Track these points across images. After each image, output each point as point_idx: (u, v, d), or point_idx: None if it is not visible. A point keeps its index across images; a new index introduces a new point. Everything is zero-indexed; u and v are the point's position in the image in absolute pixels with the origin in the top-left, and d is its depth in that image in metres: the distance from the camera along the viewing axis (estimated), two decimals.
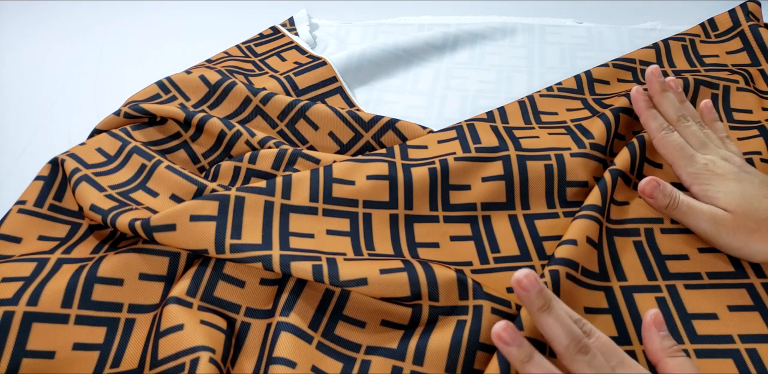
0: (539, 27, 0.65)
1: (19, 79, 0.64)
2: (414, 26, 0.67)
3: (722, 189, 0.39)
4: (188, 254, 0.40)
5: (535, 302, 0.31)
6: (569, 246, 0.38)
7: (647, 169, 0.45)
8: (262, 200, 0.41)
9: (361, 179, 0.44)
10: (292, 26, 0.67)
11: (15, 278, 0.38)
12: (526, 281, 0.31)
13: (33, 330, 0.35)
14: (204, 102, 0.54)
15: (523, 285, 0.31)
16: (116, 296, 0.38)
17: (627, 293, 0.38)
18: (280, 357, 0.34)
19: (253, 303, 0.39)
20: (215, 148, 0.50)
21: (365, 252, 0.40)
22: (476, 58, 0.62)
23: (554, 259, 0.37)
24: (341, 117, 0.51)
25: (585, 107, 0.52)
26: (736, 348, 0.35)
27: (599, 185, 0.42)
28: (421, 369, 0.34)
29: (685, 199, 0.40)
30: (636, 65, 0.56)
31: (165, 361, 0.34)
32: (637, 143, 0.45)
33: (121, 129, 0.51)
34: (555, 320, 0.31)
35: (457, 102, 0.57)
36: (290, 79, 0.56)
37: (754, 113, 0.50)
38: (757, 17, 0.60)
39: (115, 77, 0.63)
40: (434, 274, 0.37)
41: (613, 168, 0.43)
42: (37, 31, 0.71)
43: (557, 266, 0.37)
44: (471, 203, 0.44)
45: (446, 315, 0.36)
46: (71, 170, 0.45)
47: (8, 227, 0.42)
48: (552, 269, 0.37)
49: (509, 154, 0.45)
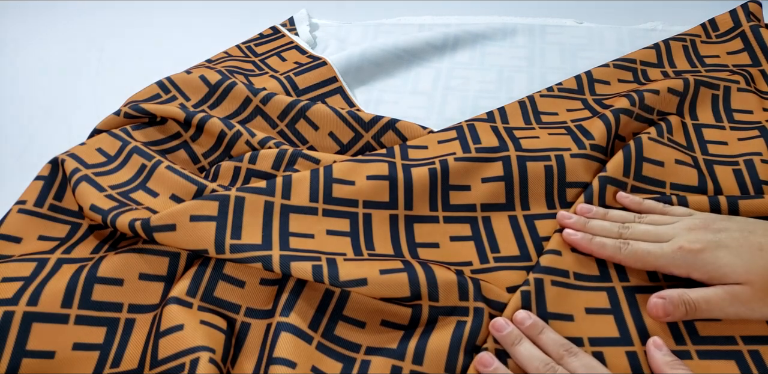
0: (540, 27, 0.65)
1: (19, 80, 0.64)
2: (414, 26, 0.67)
3: (717, 263, 0.35)
4: (188, 254, 0.40)
5: (507, 339, 0.35)
6: (553, 256, 0.39)
7: (647, 169, 0.45)
8: (262, 201, 0.41)
9: (361, 180, 0.43)
10: (292, 26, 0.67)
11: (15, 278, 0.38)
12: (497, 324, 0.36)
13: (33, 330, 0.35)
14: (204, 102, 0.54)
15: (496, 327, 0.36)
16: (116, 296, 0.38)
17: (629, 293, 0.38)
18: (280, 358, 0.34)
19: (253, 303, 0.39)
20: (215, 148, 0.50)
21: (365, 252, 0.40)
22: (477, 59, 0.62)
23: (539, 267, 0.38)
24: (341, 117, 0.51)
25: (585, 108, 0.52)
26: (739, 349, 0.35)
27: (585, 194, 0.43)
28: (420, 368, 0.34)
29: (697, 295, 0.35)
30: (637, 66, 0.56)
31: (165, 361, 0.34)
32: (633, 145, 0.45)
33: (121, 129, 0.51)
34: (524, 349, 0.34)
35: (457, 102, 0.57)
36: (290, 80, 0.56)
37: (754, 114, 0.50)
38: (758, 17, 0.59)
39: (115, 77, 0.63)
40: (434, 274, 0.37)
41: (602, 175, 0.43)
42: (37, 31, 0.71)
43: (541, 274, 0.38)
44: (471, 204, 0.44)
45: (446, 315, 0.36)
46: (71, 170, 0.45)
47: (8, 227, 0.42)
48: (536, 277, 0.37)
49: (509, 154, 0.45)
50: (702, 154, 0.47)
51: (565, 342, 0.34)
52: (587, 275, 0.39)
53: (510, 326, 0.35)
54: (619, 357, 0.35)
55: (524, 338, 0.35)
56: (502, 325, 0.35)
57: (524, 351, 0.34)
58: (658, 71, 0.56)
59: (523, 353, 0.34)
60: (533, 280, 0.37)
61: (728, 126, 0.50)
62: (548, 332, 0.35)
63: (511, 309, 0.36)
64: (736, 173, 0.45)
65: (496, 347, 0.35)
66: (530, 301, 0.36)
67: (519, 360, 0.34)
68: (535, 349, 0.34)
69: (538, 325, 0.35)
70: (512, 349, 0.34)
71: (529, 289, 0.37)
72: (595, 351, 0.35)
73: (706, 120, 0.50)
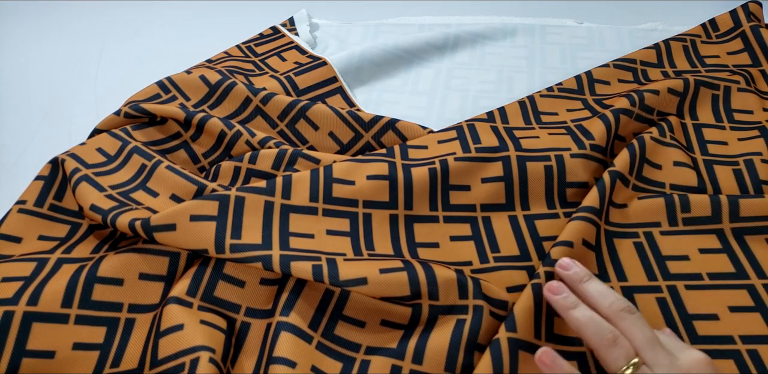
0: (540, 27, 0.65)
1: (19, 79, 0.64)
2: (414, 26, 0.67)
3: None
4: (188, 254, 0.40)
5: (575, 277, 0.35)
6: (564, 248, 0.38)
7: (647, 170, 0.45)
8: (262, 200, 0.41)
9: (361, 179, 0.43)
10: (292, 26, 0.67)
11: (15, 278, 0.38)
12: (563, 263, 0.36)
13: (33, 330, 0.35)
14: (204, 102, 0.54)
15: (562, 266, 0.36)
16: (116, 296, 0.38)
17: (627, 293, 0.38)
18: (280, 357, 0.33)
19: (253, 302, 0.39)
20: (215, 148, 0.50)
21: (365, 252, 0.40)
22: (477, 59, 0.62)
23: (549, 259, 0.37)
24: (341, 117, 0.51)
25: (585, 108, 0.52)
26: (737, 348, 0.35)
27: (597, 187, 0.42)
28: (420, 368, 0.34)
29: None
30: (637, 66, 0.56)
31: (165, 361, 0.34)
32: (637, 144, 0.45)
33: (121, 129, 0.51)
34: (594, 286, 0.34)
35: (457, 102, 0.57)
36: (290, 79, 0.56)
37: (754, 114, 0.50)
38: (758, 18, 0.59)
39: (115, 77, 0.63)
40: (434, 273, 0.37)
41: (612, 169, 0.43)
42: (37, 31, 0.71)
43: (552, 267, 0.37)
44: (471, 204, 0.44)
45: (446, 314, 0.36)
46: (71, 170, 0.45)
47: (8, 227, 0.42)
48: (547, 270, 0.37)
49: (509, 154, 0.45)
50: (702, 154, 0.47)
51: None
52: None
53: (577, 264, 0.36)
54: None
55: (592, 276, 0.35)
56: (569, 264, 0.36)
57: (595, 286, 0.34)
58: (658, 71, 0.56)
59: (594, 288, 0.34)
60: (543, 273, 0.37)
61: (728, 126, 0.50)
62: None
63: (522, 302, 0.35)
64: (736, 173, 0.45)
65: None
66: (542, 295, 0.36)
67: (590, 296, 0.34)
68: (605, 286, 0.34)
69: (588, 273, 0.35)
70: (581, 286, 0.34)
71: (541, 282, 0.36)
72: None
73: (706, 120, 0.50)
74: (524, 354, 0.34)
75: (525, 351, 0.34)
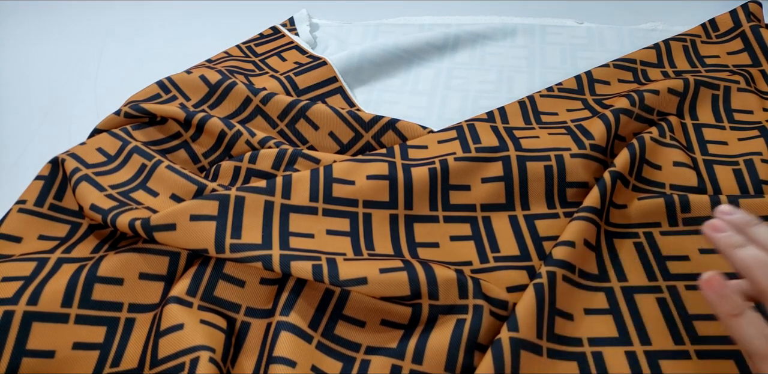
0: (540, 27, 0.65)
1: (19, 79, 0.64)
2: (414, 26, 0.67)
3: None
4: (188, 253, 0.40)
5: (728, 241, 0.29)
6: (566, 248, 0.38)
7: (647, 171, 0.45)
8: (262, 200, 0.41)
9: (361, 179, 0.44)
10: (292, 26, 0.67)
11: (15, 278, 0.38)
12: (715, 225, 0.30)
13: (33, 330, 0.35)
14: (204, 102, 0.54)
15: (713, 228, 0.30)
16: (116, 295, 0.38)
17: (627, 293, 0.38)
18: (280, 357, 0.33)
19: (253, 302, 0.39)
20: (215, 148, 0.50)
21: (365, 252, 0.40)
22: (477, 59, 0.62)
23: (551, 260, 0.37)
24: (341, 117, 0.51)
25: (585, 108, 0.52)
26: (737, 348, 0.35)
27: (598, 187, 0.42)
28: (420, 368, 0.34)
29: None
30: (637, 66, 0.56)
31: (165, 361, 0.34)
32: (637, 144, 0.45)
33: (121, 129, 0.51)
34: (749, 253, 0.28)
35: (457, 102, 0.57)
36: (290, 79, 0.56)
37: (754, 114, 0.50)
38: (758, 18, 0.60)
39: (115, 77, 0.64)
40: (434, 273, 0.37)
41: (612, 170, 0.43)
42: (37, 31, 0.71)
43: (554, 267, 0.37)
44: (471, 204, 0.44)
45: (446, 313, 0.36)
46: (71, 170, 0.45)
47: (8, 227, 0.42)
48: (549, 270, 0.37)
49: (509, 154, 0.45)
50: (702, 154, 0.47)
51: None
52: (588, 273, 0.39)
53: (740, 210, 0.30)
54: (619, 356, 0.35)
55: (762, 221, 0.30)
56: (732, 209, 0.30)
57: (751, 253, 0.28)
58: (658, 71, 0.56)
59: (749, 255, 0.28)
60: (546, 273, 0.37)
61: (728, 126, 0.50)
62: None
63: (524, 302, 0.35)
64: (736, 172, 0.45)
65: None
66: (544, 295, 0.36)
67: (762, 241, 0.29)
68: (763, 253, 0.28)
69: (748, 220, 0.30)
70: (751, 230, 0.29)
71: (542, 282, 0.36)
72: (594, 351, 0.35)
73: (706, 120, 0.50)
74: (526, 354, 0.34)
75: (527, 350, 0.34)
